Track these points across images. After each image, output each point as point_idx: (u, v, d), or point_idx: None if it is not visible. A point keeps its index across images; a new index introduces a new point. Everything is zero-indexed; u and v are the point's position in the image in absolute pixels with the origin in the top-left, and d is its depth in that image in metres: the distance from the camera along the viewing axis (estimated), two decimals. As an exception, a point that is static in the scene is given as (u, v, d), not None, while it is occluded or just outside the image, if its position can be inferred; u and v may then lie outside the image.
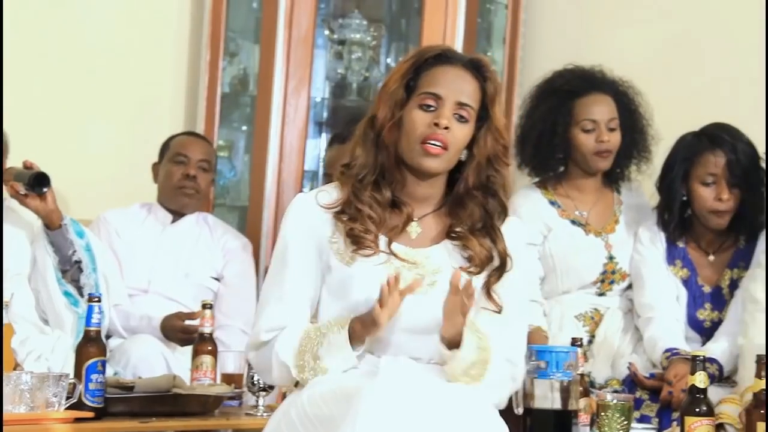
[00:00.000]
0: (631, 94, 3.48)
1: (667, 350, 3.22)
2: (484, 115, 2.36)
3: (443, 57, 2.36)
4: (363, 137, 2.37)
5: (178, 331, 3.50)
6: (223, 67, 4.41)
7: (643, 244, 3.37)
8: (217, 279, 3.84)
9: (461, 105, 2.33)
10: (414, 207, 2.37)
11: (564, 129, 3.38)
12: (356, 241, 2.31)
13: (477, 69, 2.36)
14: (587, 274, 3.40)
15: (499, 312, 2.35)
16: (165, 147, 3.90)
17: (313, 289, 2.38)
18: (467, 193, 2.37)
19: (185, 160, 3.83)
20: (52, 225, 3.34)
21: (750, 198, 3.29)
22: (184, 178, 3.81)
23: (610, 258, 3.41)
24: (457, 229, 2.36)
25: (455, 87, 2.33)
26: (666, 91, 4.26)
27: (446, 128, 2.30)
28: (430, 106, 2.32)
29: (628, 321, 3.41)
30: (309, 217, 2.36)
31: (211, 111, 4.36)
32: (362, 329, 2.28)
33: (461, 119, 2.33)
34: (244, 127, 4.55)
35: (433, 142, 2.31)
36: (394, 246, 2.33)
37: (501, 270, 2.36)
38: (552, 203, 3.45)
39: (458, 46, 4.38)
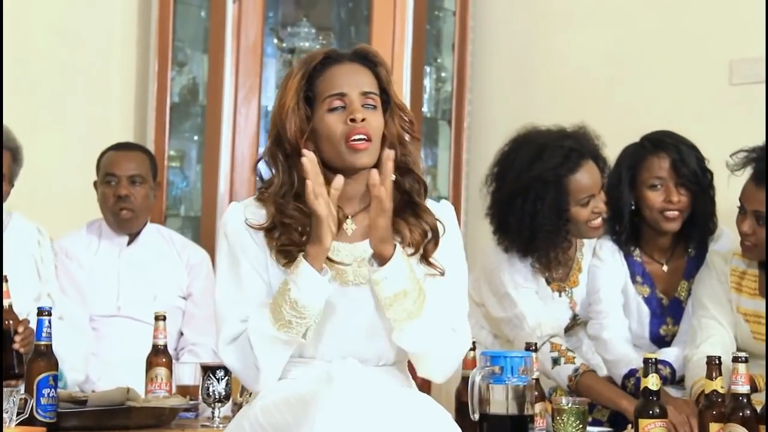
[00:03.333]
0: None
1: (629, 373, 3.20)
2: (384, 98, 2.41)
3: (329, 59, 2.39)
4: (272, 161, 2.40)
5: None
6: (172, 77, 4.39)
7: (601, 258, 3.37)
8: (183, 297, 3.81)
9: (366, 94, 2.37)
10: (343, 204, 2.39)
11: (568, 210, 3.25)
12: (287, 256, 2.34)
13: (365, 58, 2.41)
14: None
15: (443, 274, 2.38)
16: (98, 165, 3.81)
17: (268, 286, 2.38)
18: None
19: (114, 180, 3.73)
20: None
21: (700, 201, 3.31)
22: (117, 200, 3.72)
23: (574, 317, 3.40)
24: None
25: (354, 80, 2.37)
26: (613, 97, 4.31)
27: (363, 120, 2.34)
28: (337, 107, 2.35)
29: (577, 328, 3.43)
30: (245, 227, 2.38)
31: (161, 121, 4.34)
32: (314, 244, 2.27)
33: (371, 107, 2.37)
34: (196, 137, 4.53)
35: (356, 137, 2.34)
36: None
37: (435, 239, 2.40)
38: (530, 264, 3.35)
39: (407, 53, 4.40)
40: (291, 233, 2.34)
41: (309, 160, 2.25)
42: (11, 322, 3.02)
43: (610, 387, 3.17)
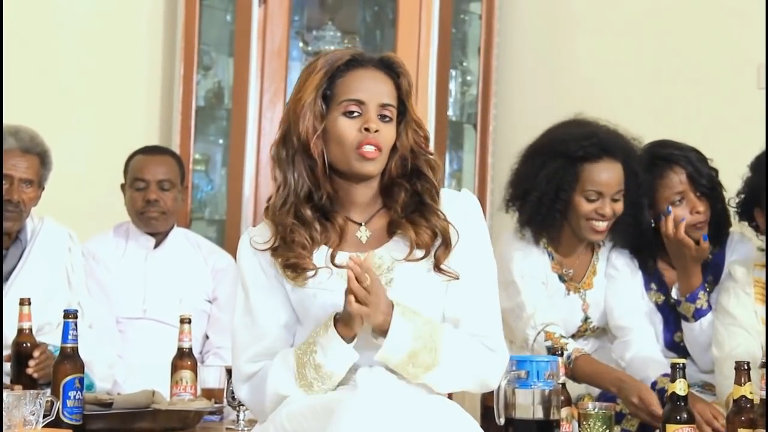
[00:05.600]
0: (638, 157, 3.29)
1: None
2: (401, 109, 2.38)
3: (354, 61, 2.36)
4: (278, 159, 2.37)
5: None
6: (197, 81, 4.40)
7: (617, 268, 3.34)
8: (209, 301, 3.82)
9: (383, 106, 2.35)
10: (355, 212, 2.38)
11: (568, 194, 3.19)
12: (294, 269, 2.33)
13: (389, 67, 2.38)
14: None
15: (458, 278, 2.34)
16: (126, 168, 3.83)
17: (285, 312, 2.38)
18: (392, 183, 2.39)
19: (143, 185, 3.74)
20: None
21: (715, 202, 3.29)
22: (146, 204, 3.74)
23: (585, 319, 3.37)
24: (393, 219, 2.37)
25: (375, 89, 2.34)
26: (640, 100, 4.29)
27: (376, 131, 2.32)
28: (354, 112, 2.33)
29: (602, 339, 3.41)
30: (254, 254, 2.38)
31: (186, 125, 4.35)
32: (345, 327, 2.27)
33: (385, 119, 2.35)
34: (221, 141, 4.53)
35: (368, 147, 2.32)
36: (340, 255, 2.33)
37: (446, 245, 2.35)
38: (549, 253, 3.31)
39: (432, 56, 4.40)
40: (292, 249, 2.32)
41: (353, 267, 2.21)
42: (29, 344, 3.04)
43: (606, 367, 3.11)
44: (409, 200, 2.37)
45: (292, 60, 4.43)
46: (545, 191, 3.18)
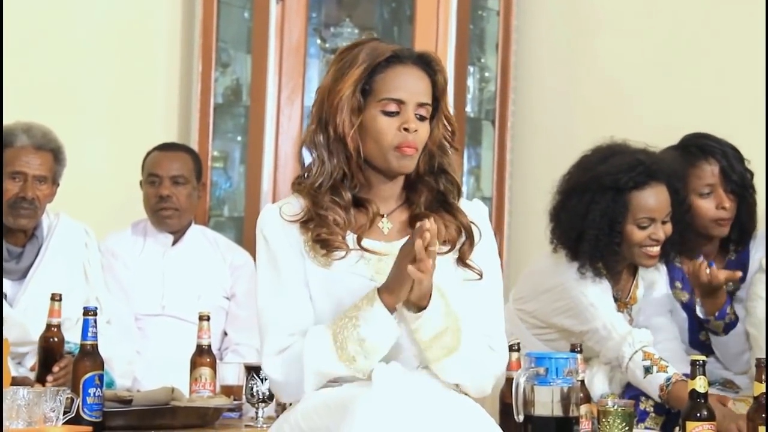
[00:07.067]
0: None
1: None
2: (434, 105, 2.40)
3: (395, 57, 2.36)
4: (313, 145, 2.38)
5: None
6: (215, 78, 4.41)
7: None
8: (227, 298, 3.82)
9: (421, 105, 2.36)
10: (380, 204, 2.40)
11: (621, 225, 3.13)
12: (325, 245, 2.33)
13: (428, 64, 2.39)
14: None
15: (481, 277, 2.37)
16: (143, 165, 3.85)
17: (308, 287, 2.37)
18: (419, 179, 2.41)
19: (157, 180, 3.76)
20: None
21: (744, 203, 3.28)
22: (160, 200, 3.75)
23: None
24: (417, 213, 2.38)
25: (414, 89, 2.35)
26: (661, 97, 4.27)
27: (415, 131, 2.34)
28: (393, 111, 2.34)
29: None
30: (282, 226, 2.37)
31: (204, 122, 4.36)
32: (390, 295, 2.26)
33: (422, 118, 2.36)
34: (239, 138, 4.54)
35: (406, 146, 2.33)
36: (366, 242, 2.35)
37: (470, 240, 2.38)
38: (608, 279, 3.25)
39: (450, 53, 4.39)
40: (327, 225, 2.33)
41: (429, 229, 2.20)
42: (57, 339, 3.04)
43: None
44: (431, 197, 2.40)
45: (309, 57, 4.43)
46: (600, 227, 3.13)
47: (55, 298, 3.03)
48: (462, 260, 2.37)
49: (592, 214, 3.13)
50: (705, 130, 3.39)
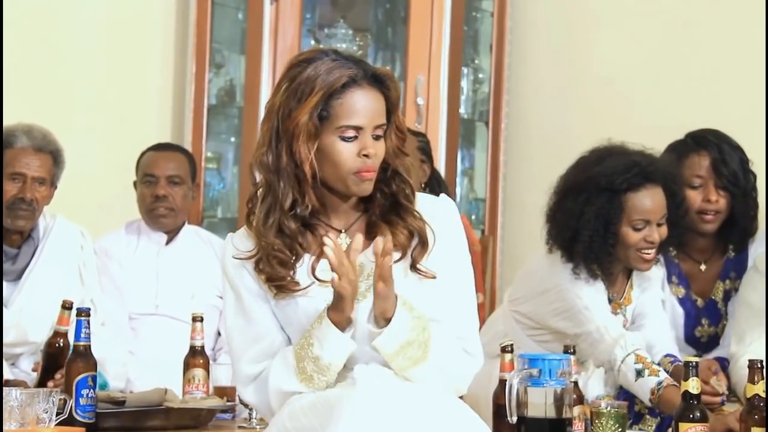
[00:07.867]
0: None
1: (668, 355, 3.18)
2: (388, 117, 2.39)
3: (351, 81, 2.33)
4: (262, 165, 2.36)
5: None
6: (209, 79, 4.41)
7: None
8: (221, 297, 3.82)
9: (378, 126, 2.35)
10: (338, 220, 2.40)
11: (616, 227, 3.12)
12: (276, 287, 2.34)
13: (382, 83, 2.37)
14: None
15: (433, 278, 2.34)
16: (137, 165, 3.84)
17: (272, 313, 2.39)
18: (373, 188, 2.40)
19: (153, 180, 3.76)
20: None
21: (739, 203, 3.27)
22: (155, 200, 3.75)
23: None
24: (369, 222, 2.38)
25: (371, 114, 2.33)
26: (655, 98, 4.28)
27: (375, 155, 2.34)
28: (351, 137, 2.33)
29: None
30: (240, 262, 2.39)
31: (198, 123, 4.36)
32: (336, 312, 2.28)
33: (378, 138, 2.36)
34: (233, 139, 4.54)
35: (366, 171, 2.33)
36: (320, 269, 2.34)
37: (423, 245, 2.36)
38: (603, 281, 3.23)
39: (444, 54, 4.40)
40: (273, 266, 2.33)
41: (331, 248, 2.22)
42: (62, 343, 3.04)
43: None
44: (384, 201, 2.38)
45: (303, 58, 4.42)
46: (595, 228, 3.12)
47: (66, 305, 3.02)
48: (413, 265, 2.35)
49: (587, 214, 3.12)
50: (710, 128, 3.38)
